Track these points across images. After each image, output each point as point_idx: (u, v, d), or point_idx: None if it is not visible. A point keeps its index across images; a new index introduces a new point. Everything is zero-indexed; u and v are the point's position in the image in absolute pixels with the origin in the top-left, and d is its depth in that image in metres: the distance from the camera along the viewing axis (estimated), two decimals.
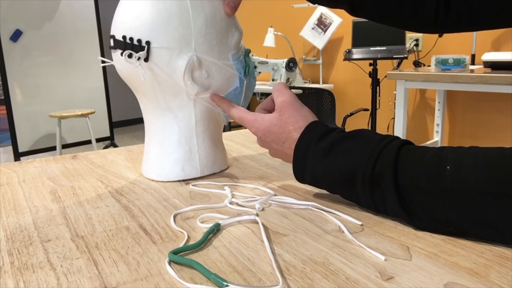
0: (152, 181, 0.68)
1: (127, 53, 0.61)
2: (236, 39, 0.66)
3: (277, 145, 0.58)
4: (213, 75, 0.64)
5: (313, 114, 0.58)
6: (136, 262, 0.42)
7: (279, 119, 0.57)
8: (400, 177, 0.46)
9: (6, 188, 0.67)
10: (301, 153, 0.54)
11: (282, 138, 0.57)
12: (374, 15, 0.61)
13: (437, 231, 0.46)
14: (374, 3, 0.59)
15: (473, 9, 0.54)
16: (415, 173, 0.45)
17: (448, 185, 0.42)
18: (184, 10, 0.61)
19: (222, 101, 0.65)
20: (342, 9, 0.62)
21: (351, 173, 0.49)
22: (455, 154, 0.44)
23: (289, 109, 0.57)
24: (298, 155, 0.54)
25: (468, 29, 0.58)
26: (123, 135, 5.41)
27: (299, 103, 0.58)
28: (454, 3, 0.55)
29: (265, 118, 0.58)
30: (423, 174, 0.44)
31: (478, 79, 2.13)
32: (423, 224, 0.46)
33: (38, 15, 3.59)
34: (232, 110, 0.63)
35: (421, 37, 3.04)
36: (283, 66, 3.46)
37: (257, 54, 3.90)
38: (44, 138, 3.73)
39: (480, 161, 0.42)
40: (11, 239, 0.48)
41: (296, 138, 0.55)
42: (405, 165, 0.46)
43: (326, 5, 0.64)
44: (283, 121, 0.56)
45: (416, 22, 0.59)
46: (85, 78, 3.90)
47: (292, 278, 0.38)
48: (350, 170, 0.49)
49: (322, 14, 3.46)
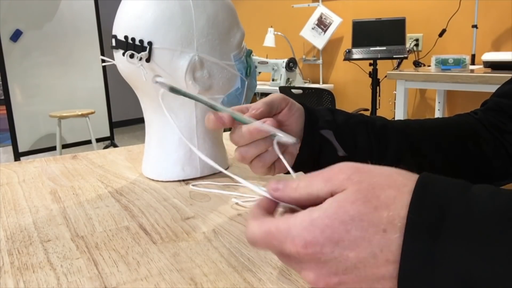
0: (152, 181, 0.68)
1: (129, 54, 0.61)
2: (238, 40, 0.66)
3: (361, 252, 0.27)
4: (215, 75, 0.64)
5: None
6: (136, 262, 0.42)
7: (353, 199, 0.27)
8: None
9: (6, 188, 0.67)
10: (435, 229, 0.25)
11: (379, 226, 0.26)
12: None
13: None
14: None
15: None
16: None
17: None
18: (187, 10, 0.61)
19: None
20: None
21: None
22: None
23: (360, 173, 0.29)
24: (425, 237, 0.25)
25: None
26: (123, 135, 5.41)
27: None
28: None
29: (314, 214, 0.28)
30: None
31: (478, 79, 2.13)
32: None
33: (38, 15, 3.59)
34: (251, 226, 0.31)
35: (421, 37, 3.04)
36: (283, 66, 3.46)
37: (257, 54, 3.90)
38: (44, 138, 3.73)
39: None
40: (11, 239, 0.48)
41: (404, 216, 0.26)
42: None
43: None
44: (366, 196, 0.27)
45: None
46: (85, 78, 3.89)
47: (292, 278, 0.38)
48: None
49: (322, 14, 3.46)
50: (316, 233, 0.27)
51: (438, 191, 0.26)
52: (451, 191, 0.26)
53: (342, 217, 0.27)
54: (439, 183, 0.27)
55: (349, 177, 0.28)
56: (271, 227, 0.29)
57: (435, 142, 0.53)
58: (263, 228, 0.29)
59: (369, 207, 0.27)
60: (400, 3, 3.08)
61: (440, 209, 0.25)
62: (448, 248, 0.25)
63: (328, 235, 0.27)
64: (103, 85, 4.02)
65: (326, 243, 0.27)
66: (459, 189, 0.26)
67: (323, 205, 0.28)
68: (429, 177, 0.28)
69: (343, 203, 0.27)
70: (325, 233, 0.27)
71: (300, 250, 0.27)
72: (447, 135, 0.54)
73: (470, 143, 0.53)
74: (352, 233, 0.26)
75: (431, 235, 0.25)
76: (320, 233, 0.27)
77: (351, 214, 0.27)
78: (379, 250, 0.26)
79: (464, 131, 0.54)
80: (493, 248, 0.24)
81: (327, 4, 3.49)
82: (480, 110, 0.58)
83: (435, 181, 0.27)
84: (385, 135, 0.50)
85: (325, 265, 0.27)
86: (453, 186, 0.27)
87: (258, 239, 0.30)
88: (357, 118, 0.51)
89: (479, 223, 0.24)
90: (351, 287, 0.28)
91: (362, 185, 0.28)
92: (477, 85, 2.15)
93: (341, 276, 0.27)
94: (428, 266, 0.25)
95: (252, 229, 0.30)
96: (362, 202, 0.27)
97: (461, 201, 0.25)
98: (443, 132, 0.54)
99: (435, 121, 0.57)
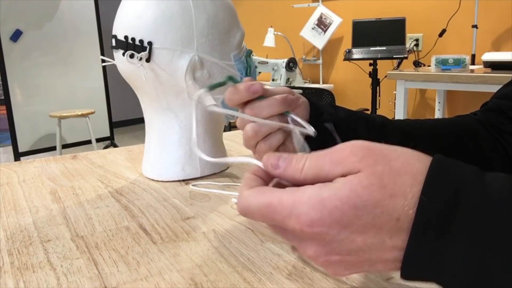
0: (152, 181, 0.68)
1: (129, 54, 0.61)
2: (238, 40, 0.66)
3: (374, 238, 0.26)
4: (215, 75, 0.64)
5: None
6: (136, 262, 0.42)
7: (371, 180, 0.26)
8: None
9: (6, 188, 0.67)
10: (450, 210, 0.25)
11: (393, 214, 0.25)
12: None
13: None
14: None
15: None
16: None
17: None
18: (187, 10, 0.61)
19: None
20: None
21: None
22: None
23: (375, 155, 0.27)
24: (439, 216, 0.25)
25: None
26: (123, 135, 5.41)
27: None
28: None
29: (324, 193, 0.26)
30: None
31: (478, 79, 2.13)
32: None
33: (38, 15, 3.59)
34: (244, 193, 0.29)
35: (421, 37, 3.04)
36: (283, 66, 3.46)
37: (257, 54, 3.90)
38: (44, 138, 3.73)
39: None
40: (11, 239, 0.48)
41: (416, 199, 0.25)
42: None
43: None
44: (381, 182, 0.26)
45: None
46: (85, 78, 3.89)
47: (292, 278, 0.38)
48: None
49: (322, 14, 3.46)
50: (324, 214, 0.25)
51: (450, 180, 0.25)
52: (464, 181, 0.25)
53: (355, 201, 0.25)
54: (452, 170, 0.26)
55: (361, 159, 0.27)
56: (273, 199, 0.27)
57: (435, 141, 0.53)
58: (263, 199, 0.28)
59: (385, 194, 0.25)
60: (400, 3, 3.08)
61: (452, 199, 0.25)
62: (458, 243, 0.24)
63: (336, 217, 0.25)
64: (103, 85, 4.02)
65: (333, 225, 0.26)
66: (473, 177, 0.26)
67: (335, 185, 0.26)
68: (442, 161, 0.26)
69: (356, 187, 0.25)
70: (333, 215, 0.25)
71: (305, 229, 0.26)
72: (447, 135, 0.54)
73: (470, 142, 0.53)
74: (363, 219, 0.25)
75: (442, 228, 0.24)
76: (328, 214, 0.25)
77: (364, 200, 0.25)
78: (389, 237, 0.26)
79: (464, 131, 0.55)
80: (504, 241, 0.23)
81: (327, 4, 3.49)
82: (479, 111, 0.58)
83: (448, 167, 0.26)
84: (385, 132, 0.50)
85: (328, 244, 0.27)
86: (466, 173, 0.26)
87: (254, 210, 0.28)
88: (358, 114, 0.51)
89: (491, 217, 0.24)
90: (352, 266, 0.27)
91: (376, 168, 0.26)
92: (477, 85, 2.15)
93: (343, 256, 0.27)
94: (436, 257, 0.25)
95: (248, 199, 0.28)
96: (377, 187, 0.25)
97: (474, 190, 0.25)
98: (443, 131, 0.54)
99: (435, 121, 0.57)
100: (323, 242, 0.27)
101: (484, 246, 0.24)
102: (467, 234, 0.24)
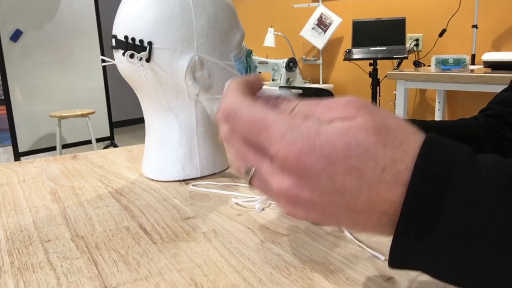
0: (152, 181, 0.68)
1: (129, 54, 0.61)
2: (238, 40, 0.66)
3: (362, 179, 0.25)
4: (215, 75, 0.64)
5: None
6: (136, 262, 0.42)
7: (372, 117, 0.26)
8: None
9: (6, 188, 0.67)
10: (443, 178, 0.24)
11: (385, 158, 0.25)
12: None
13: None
14: None
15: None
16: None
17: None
18: (187, 10, 0.61)
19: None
20: None
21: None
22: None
23: (372, 108, 0.27)
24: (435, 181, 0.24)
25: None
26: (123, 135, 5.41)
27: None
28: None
29: (323, 125, 0.26)
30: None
31: (478, 79, 2.13)
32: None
33: (38, 15, 3.59)
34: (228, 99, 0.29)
35: (421, 37, 3.04)
36: (283, 66, 3.46)
37: (257, 54, 3.90)
38: (44, 138, 3.73)
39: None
40: (11, 239, 0.48)
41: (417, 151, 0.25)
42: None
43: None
44: (378, 129, 0.25)
45: None
46: (85, 78, 3.89)
47: (292, 278, 0.38)
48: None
49: (322, 14, 3.46)
50: (315, 146, 0.25)
51: (445, 150, 0.25)
52: (457, 153, 0.25)
53: (349, 140, 0.25)
54: (445, 147, 0.26)
55: (360, 108, 0.26)
56: (269, 116, 0.26)
57: None
58: (258, 112, 0.26)
59: (379, 141, 0.25)
60: (400, 3, 3.08)
61: (446, 168, 0.24)
62: (453, 208, 0.24)
63: (326, 152, 0.25)
64: (103, 85, 4.02)
65: (320, 159, 0.25)
66: (466, 152, 0.25)
67: (335, 122, 0.25)
68: (436, 135, 0.27)
69: (354, 127, 0.25)
70: (324, 149, 0.25)
71: (290, 157, 0.25)
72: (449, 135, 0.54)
73: (472, 143, 0.54)
74: (351, 160, 0.25)
75: (436, 194, 0.24)
76: (320, 148, 0.25)
77: (359, 141, 0.25)
78: (368, 187, 0.25)
79: (466, 132, 0.55)
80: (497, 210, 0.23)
81: (327, 4, 3.49)
82: (481, 116, 0.59)
83: (442, 140, 0.26)
84: None
85: (305, 179, 0.25)
86: (459, 149, 0.26)
87: (242, 117, 0.27)
88: None
89: (484, 187, 0.24)
90: (316, 208, 0.26)
91: (374, 116, 0.26)
92: (477, 85, 2.15)
93: (314, 195, 0.26)
94: (432, 219, 0.24)
95: (241, 104, 0.27)
96: (373, 133, 0.25)
97: (467, 167, 0.24)
98: (445, 131, 0.55)
99: (437, 122, 0.58)
100: (301, 176, 0.25)
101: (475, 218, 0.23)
102: (460, 211, 0.24)
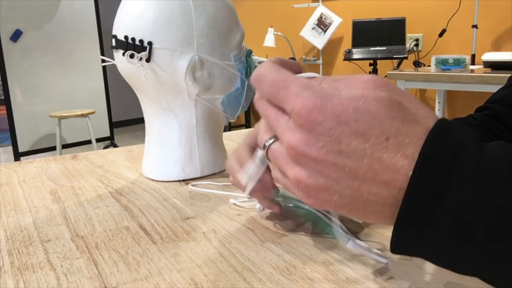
0: (152, 181, 0.68)
1: (129, 54, 0.61)
2: (238, 40, 0.66)
3: (370, 148, 0.27)
4: (215, 75, 0.64)
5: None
6: (136, 262, 0.42)
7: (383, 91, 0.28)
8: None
9: (6, 188, 0.67)
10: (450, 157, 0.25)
11: (391, 128, 0.26)
12: None
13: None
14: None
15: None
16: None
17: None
18: (187, 10, 0.61)
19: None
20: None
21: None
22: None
23: (391, 86, 0.29)
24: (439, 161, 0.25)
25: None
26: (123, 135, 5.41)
27: None
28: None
29: (335, 91, 0.28)
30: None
31: (478, 79, 2.13)
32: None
33: (38, 15, 3.59)
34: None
35: (421, 37, 3.04)
36: None
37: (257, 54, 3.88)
38: (44, 138, 3.73)
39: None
40: (11, 239, 0.48)
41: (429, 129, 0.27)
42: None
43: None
44: (391, 103, 0.27)
45: None
46: (85, 78, 3.89)
47: (292, 278, 0.38)
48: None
49: (322, 14, 3.46)
50: (327, 105, 0.27)
51: (455, 134, 0.26)
52: (465, 141, 0.26)
53: (360, 105, 0.26)
54: (453, 132, 0.27)
55: (378, 86, 0.28)
56: (289, 77, 0.29)
57: None
58: (281, 73, 0.30)
59: (388, 113, 0.26)
60: (400, 3, 3.08)
61: (453, 153, 0.25)
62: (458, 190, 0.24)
63: (336, 112, 0.26)
64: (103, 85, 4.02)
65: (330, 118, 0.27)
66: (475, 139, 0.26)
67: (353, 89, 0.28)
68: (446, 120, 0.28)
69: (367, 95, 0.27)
70: (335, 109, 0.27)
71: (301, 112, 0.27)
72: None
73: None
74: (359, 124, 0.26)
75: (441, 177, 0.25)
76: (331, 107, 0.27)
77: (368, 107, 0.26)
78: (371, 153, 0.26)
79: None
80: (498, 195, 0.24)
81: (327, 4, 3.49)
82: (478, 115, 0.59)
83: (450, 129, 0.27)
84: None
85: (314, 135, 0.27)
86: (468, 135, 0.26)
87: (267, 81, 0.30)
88: None
89: (488, 171, 0.24)
90: (321, 172, 0.28)
91: (390, 92, 0.27)
92: (477, 85, 2.15)
93: (320, 153, 0.27)
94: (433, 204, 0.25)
95: (268, 69, 0.31)
96: (384, 104, 0.26)
97: (473, 153, 0.25)
98: None
99: None
100: (311, 131, 0.27)
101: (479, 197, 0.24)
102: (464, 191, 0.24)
